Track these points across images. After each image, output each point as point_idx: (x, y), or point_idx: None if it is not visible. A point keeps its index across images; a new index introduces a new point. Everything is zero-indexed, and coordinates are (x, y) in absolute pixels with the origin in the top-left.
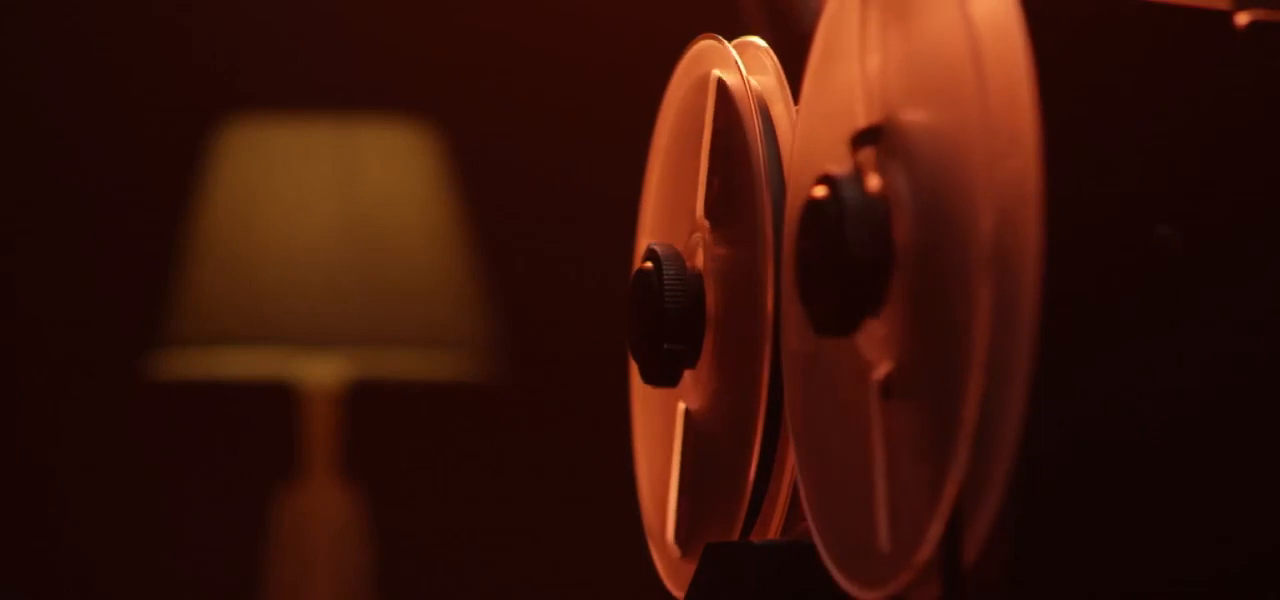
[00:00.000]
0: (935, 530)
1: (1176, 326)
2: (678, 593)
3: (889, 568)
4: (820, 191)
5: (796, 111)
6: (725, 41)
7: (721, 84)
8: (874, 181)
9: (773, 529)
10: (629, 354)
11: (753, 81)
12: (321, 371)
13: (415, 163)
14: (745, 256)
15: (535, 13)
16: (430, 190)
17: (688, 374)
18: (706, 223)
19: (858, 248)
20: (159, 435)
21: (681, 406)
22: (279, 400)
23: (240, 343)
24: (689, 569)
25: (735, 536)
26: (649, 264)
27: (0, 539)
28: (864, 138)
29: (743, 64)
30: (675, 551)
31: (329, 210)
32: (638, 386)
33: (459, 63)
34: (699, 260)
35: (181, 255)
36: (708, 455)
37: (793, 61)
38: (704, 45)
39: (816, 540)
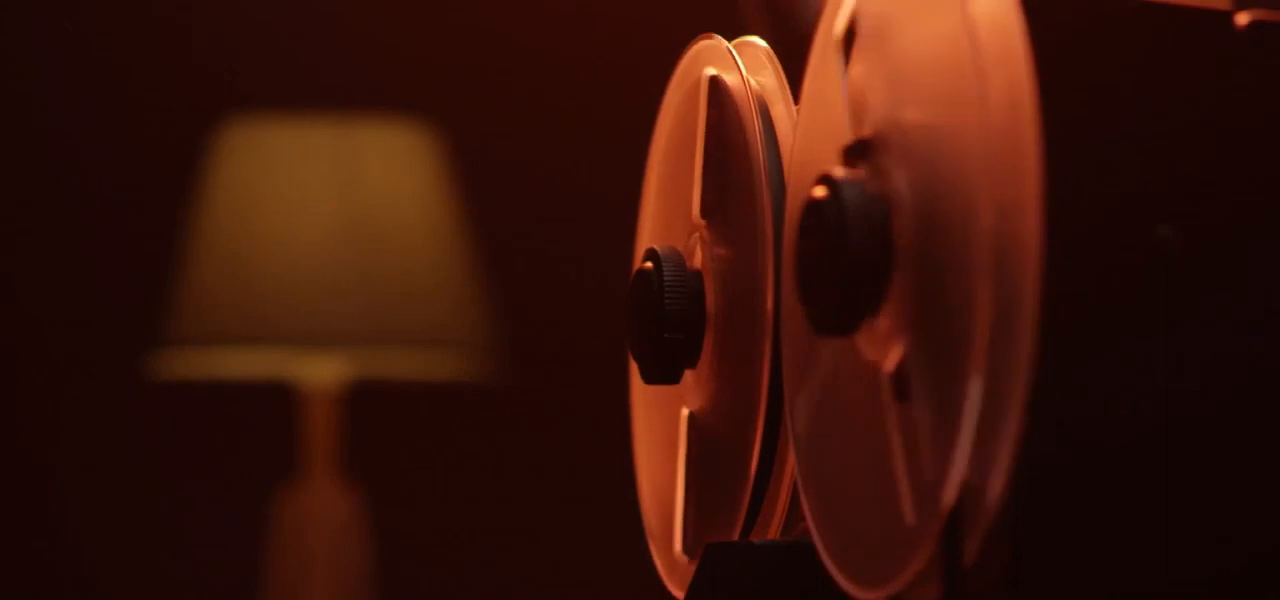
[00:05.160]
0: (935, 530)
1: (1176, 326)
2: (678, 593)
3: (889, 567)
4: (820, 192)
5: (797, 111)
6: (725, 41)
7: (716, 83)
8: (874, 182)
9: (773, 529)
10: (629, 354)
11: (752, 81)
12: (321, 371)
13: (415, 163)
14: (745, 256)
15: (535, 13)
16: (430, 190)
17: (688, 374)
18: (704, 223)
19: (858, 248)
20: (159, 435)
21: (685, 413)
22: (279, 400)
23: (240, 343)
24: (689, 569)
25: (735, 536)
26: (649, 264)
27: (0, 539)
28: (853, 151)
29: (743, 64)
30: (682, 559)
31: (329, 210)
32: (638, 386)
33: (459, 63)
34: (698, 260)
35: (181, 255)
36: (708, 455)
37: (793, 61)
38: (704, 45)
39: (816, 540)
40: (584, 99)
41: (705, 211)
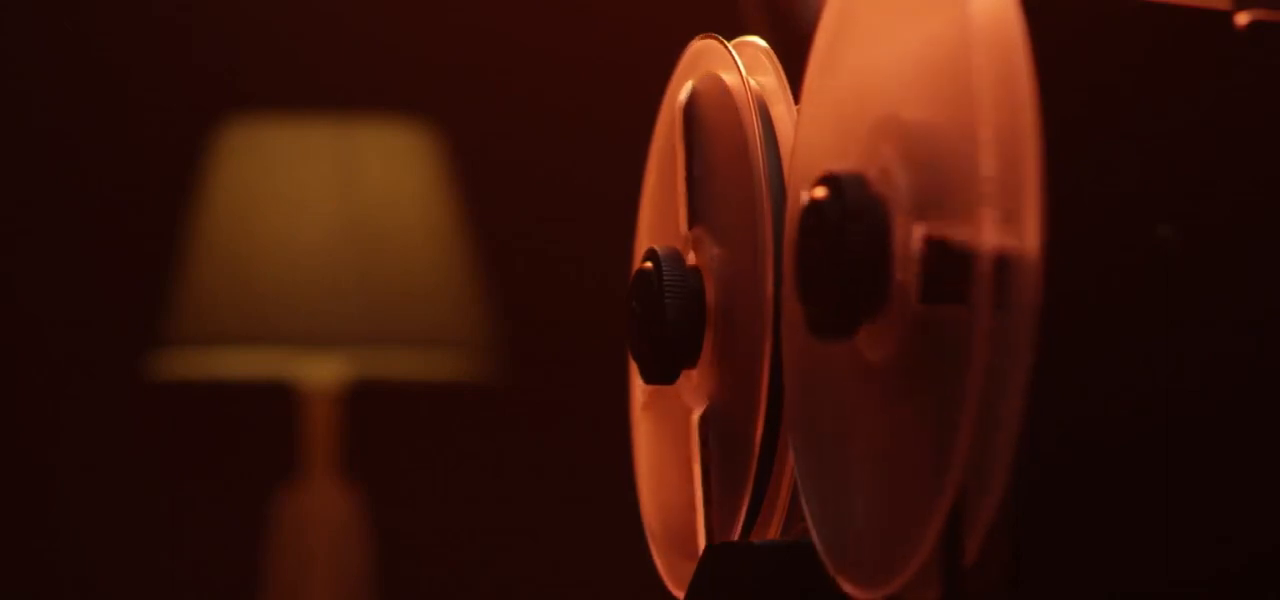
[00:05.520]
0: (935, 530)
1: (1176, 326)
2: (678, 593)
3: (889, 567)
4: (820, 192)
5: (798, 111)
6: (725, 42)
7: (692, 104)
8: (875, 182)
9: (773, 529)
10: (629, 354)
11: (752, 81)
12: (321, 371)
13: (415, 163)
14: (745, 256)
15: (535, 13)
16: (430, 190)
17: (687, 374)
18: (692, 233)
19: (858, 248)
20: (159, 435)
21: (695, 416)
22: (279, 400)
23: (240, 343)
24: (689, 569)
25: (735, 536)
26: (648, 264)
27: (0, 539)
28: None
29: (742, 64)
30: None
31: (329, 210)
32: (638, 386)
33: (459, 63)
34: (698, 260)
35: (181, 255)
36: (708, 455)
37: (793, 61)
38: (704, 45)
39: (817, 541)
40: (584, 99)
41: (693, 222)
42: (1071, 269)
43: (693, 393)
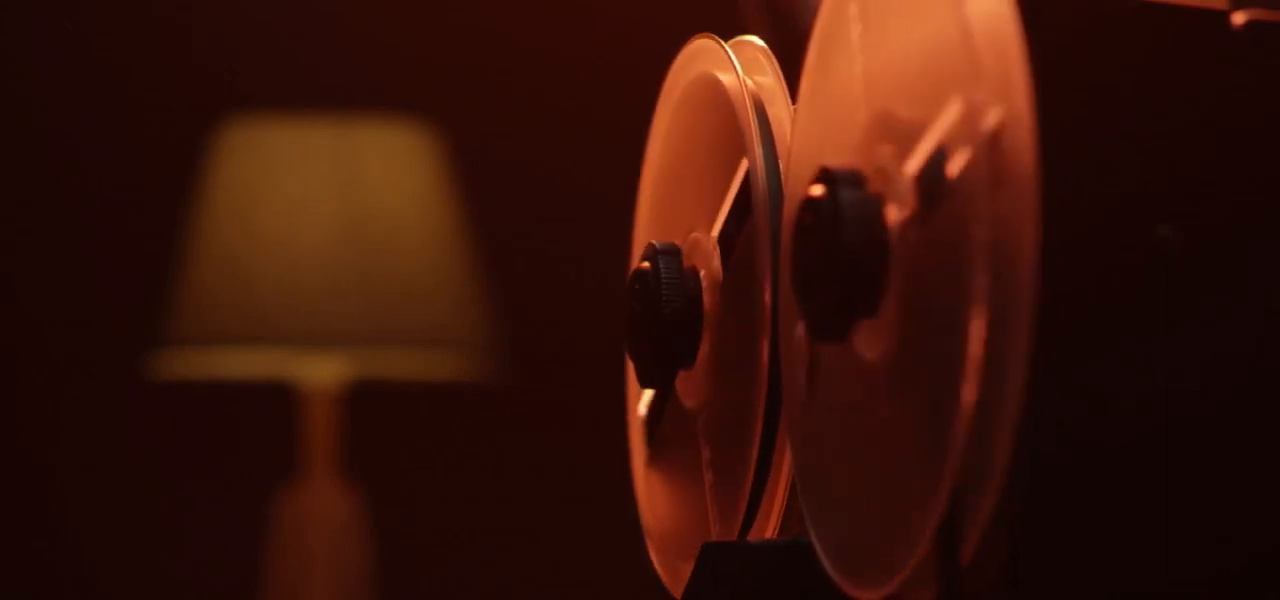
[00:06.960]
0: (932, 530)
1: (1176, 326)
2: (676, 593)
3: (886, 567)
4: (817, 190)
5: (795, 110)
6: (721, 41)
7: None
8: (872, 181)
9: (771, 529)
10: (627, 354)
11: (749, 81)
12: (321, 371)
13: (415, 163)
14: (743, 256)
15: (535, 12)
16: (430, 190)
17: (685, 375)
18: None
19: (854, 247)
20: (159, 435)
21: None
22: (279, 400)
23: (240, 343)
24: (688, 569)
25: (734, 536)
26: (647, 264)
27: (0, 539)
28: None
29: (739, 63)
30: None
31: (329, 210)
32: (636, 386)
33: (459, 63)
34: (697, 260)
35: (181, 255)
36: (706, 455)
37: (792, 61)
38: (699, 45)
39: (815, 540)
40: (584, 99)
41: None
42: (1071, 269)
43: (690, 394)
